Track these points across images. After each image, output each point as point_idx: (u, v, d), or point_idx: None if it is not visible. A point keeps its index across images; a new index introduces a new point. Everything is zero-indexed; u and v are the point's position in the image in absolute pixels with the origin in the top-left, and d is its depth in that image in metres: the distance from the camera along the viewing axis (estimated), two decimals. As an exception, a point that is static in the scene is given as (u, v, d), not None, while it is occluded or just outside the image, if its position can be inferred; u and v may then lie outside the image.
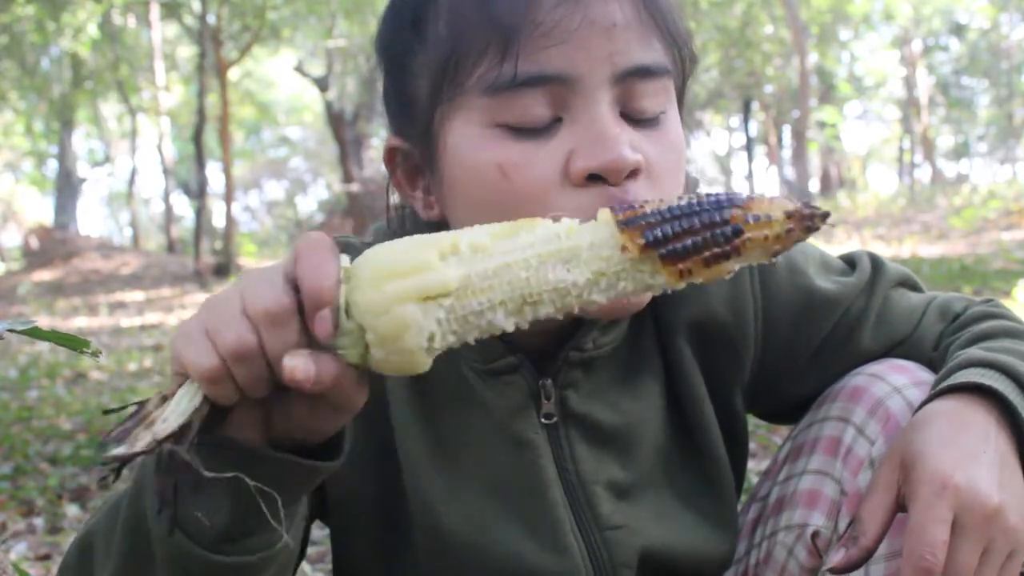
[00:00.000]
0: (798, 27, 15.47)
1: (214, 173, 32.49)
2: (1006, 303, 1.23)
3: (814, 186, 22.92)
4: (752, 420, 1.26)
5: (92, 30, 15.84)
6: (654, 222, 0.78)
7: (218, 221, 21.85)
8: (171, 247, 21.99)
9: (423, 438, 1.10)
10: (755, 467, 2.92)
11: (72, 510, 3.28)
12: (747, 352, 1.18)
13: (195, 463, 0.77)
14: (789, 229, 0.79)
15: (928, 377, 1.10)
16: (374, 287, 0.77)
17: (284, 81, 30.38)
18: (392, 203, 1.15)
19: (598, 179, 0.96)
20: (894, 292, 1.20)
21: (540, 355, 1.10)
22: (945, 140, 33.16)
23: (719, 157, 33.26)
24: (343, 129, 18.91)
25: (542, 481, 1.10)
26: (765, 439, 3.38)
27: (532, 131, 0.98)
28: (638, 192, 0.97)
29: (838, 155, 28.13)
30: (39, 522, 3.15)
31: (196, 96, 17.14)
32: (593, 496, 1.11)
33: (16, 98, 20.31)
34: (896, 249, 10.56)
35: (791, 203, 0.79)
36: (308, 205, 33.30)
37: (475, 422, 1.10)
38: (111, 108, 27.28)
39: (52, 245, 19.73)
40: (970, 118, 31.08)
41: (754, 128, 29.41)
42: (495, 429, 1.10)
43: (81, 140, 31.61)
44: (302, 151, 35.67)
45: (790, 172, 25.14)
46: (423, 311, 0.77)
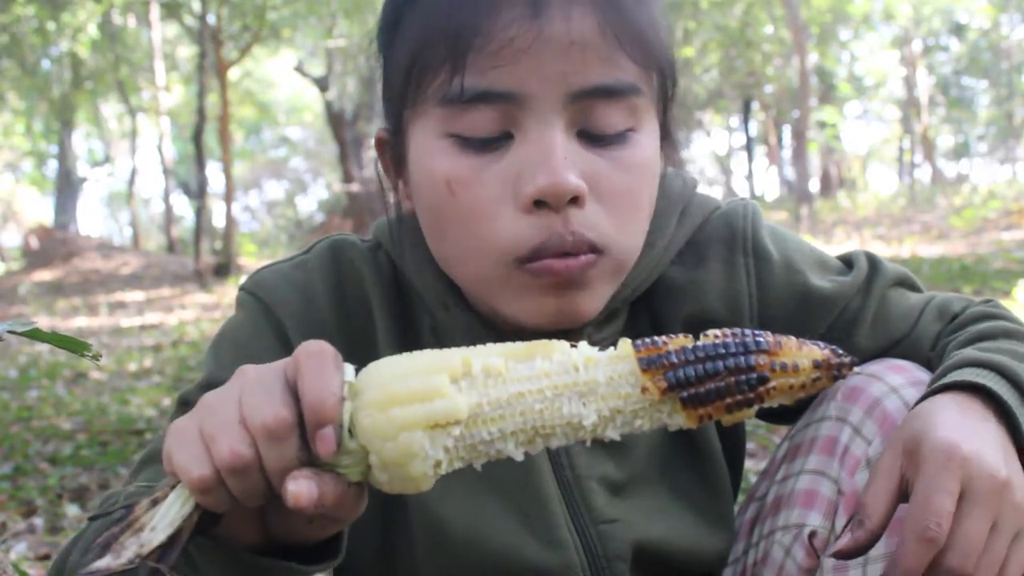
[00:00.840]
0: (798, 27, 15.46)
1: (214, 173, 32.53)
2: (1006, 303, 1.23)
3: (814, 186, 22.91)
4: (751, 420, 1.27)
5: (92, 30, 15.84)
6: (677, 363, 0.76)
7: (218, 221, 21.85)
8: (171, 247, 21.98)
9: None
10: (754, 467, 2.92)
11: (72, 510, 3.28)
12: None
13: None
14: (816, 378, 0.77)
15: (925, 377, 1.09)
16: (381, 411, 0.74)
17: (284, 81, 30.37)
18: (387, 196, 1.15)
19: (544, 205, 0.96)
20: (892, 292, 1.19)
21: None
22: (945, 140, 33.16)
23: (719, 157, 33.26)
24: (343, 129, 18.91)
25: (537, 476, 1.10)
26: (764, 439, 3.38)
27: (482, 144, 0.97)
28: (580, 219, 0.96)
29: (838, 155, 28.12)
30: (39, 522, 3.14)
31: (196, 96, 17.13)
32: (587, 491, 1.11)
33: (16, 98, 20.32)
34: (896, 249, 10.55)
35: (820, 351, 0.77)
36: (308, 205, 33.33)
37: None
38: (111, 108, 27.28)
39: (52, 245, 19.73)
40: (970, 118, 31.07)
41: (754, 128, 29.43)
42: None
43: (81, 140, 31.64)
44: (302, 151, 35.68)
45: (790, 172, 25.16)
46: (431, 439, 0.74)
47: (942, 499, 0.87)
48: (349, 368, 0.78)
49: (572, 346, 0.80)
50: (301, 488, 0.74)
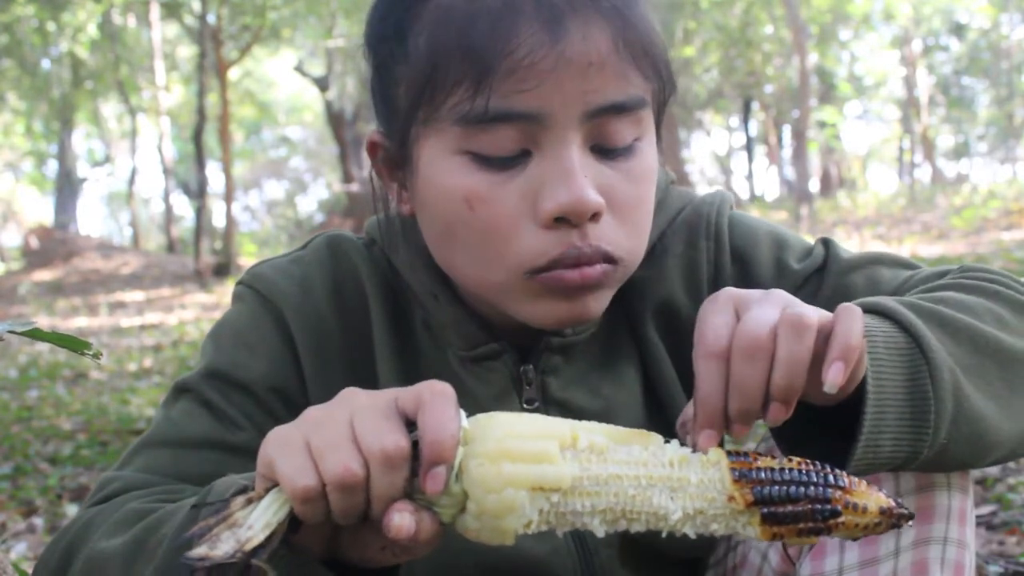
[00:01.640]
0: (798, 27, 15.45)
1: (214, 173, 32.50)
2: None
3: (814, 186, 22.93)
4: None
5: (92, 30, 15.85)
6: (764, 480, 0.81)
7: (218, 221, 21.87)
8: (171, 247, 22.00)
9: None
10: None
11: (72, 510, 3.28)
12: None
13: None
14: (877, 523, 0.81)
15: None
16: (493, 463, 0.78)
17: (284, 81, 30.38)
18: (380, 195, 1.14)
19: (563, 220, 0.97)
20: (854, 276, 1.16)
21: (521, 341, 1.11)
22: (945, 140, 33.16)
23: (719, 157, 33.27)
24: (343, 129, 18.92)
25: None
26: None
27: (500, 162, 0.98)
28: (597, 233, 0.98)
29: (838, 155, 28.14)
30: (39, 522, 3.15)
31: (196, 96, 17.14)
32: None
33: (16, 98, 20.33)
34: (896, 249, 10.56)
35: (885, 499, 0.82)
36: (308, 205, 33.37)
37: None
38: (111, 108, 27.29)
39: (52, 245, 19.74)
40: (970, 118, 31.06)
41: (754, 128, 29.44)
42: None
43: (81, 140, 31.65)
44: (302, 151, 35.68)
45: (790, 172, 25.16)
46: (531, 499, 0.78)
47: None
48: (462, 413, 0.81)
49: (666, 441, 0.84)
50: (405, 521, 0.77)
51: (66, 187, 26.38)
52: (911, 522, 0.83)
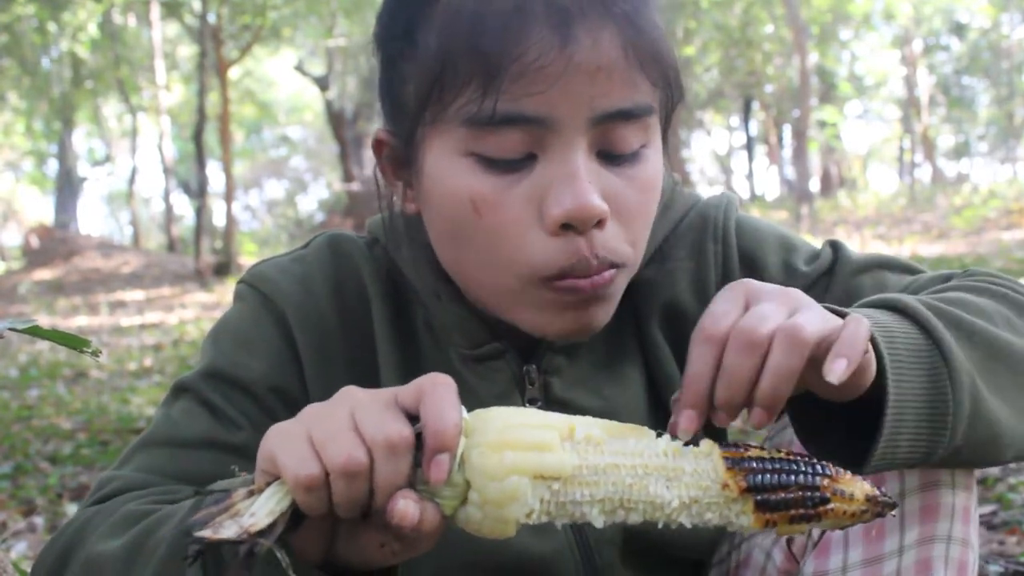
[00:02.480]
0: (798, 26, 15.45)
1: (214, 172, 32.50)
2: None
3: (814, 186, 22.93)
4: (741, 418, 1.27)
5: (92, 29, 15.86)
6: (757, 468, 0.83)
7: (218, 220, 21.86)
8: (171, 246, 22.00)
9: None
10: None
11: (72, 509, 3.28)
12: None
13: (284, 561, 0.77)
14: (864, 510, 0.83)
15: None
16: (495, 451, 0.79)
17: (284, 80, 30.38)
18: (384, 193, 1.14)
19: (569, 227, 0.97)
20: (863, 278, 1.17)
21: (523, 341, 1.10)
22: (945, 140, 33.14)
23: (719, 157, 33.27)
24: (343, 128, 18.92)
25: None
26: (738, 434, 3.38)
27: (506, 164, 0.97)
28: (602, 241, 0.98)
29: (838, 155, 28.13)
30: (39, 522, 3.15)
31: (196, 95, 17.15)
32: None
33: (16, 98, 20.33)
34: (896, 249, 10.57)
35: (870, 487, 0.84)
36: (308, 204, 33.35)
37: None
38: (111, 107, 27.28)
39: (52, 244, 19.74)
40: (970, 118, 31.05)
41: (754, 127, 29.43)
42: None
43: (81, 139, 31.66)
44: (302, 150, 35.69)
45: (790, 171, 25.17)
46: (533, 488, 0.79)
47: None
48: (462, 407, 0.82)
49: (658, 435, 0.86)
50: (408, 508, 0.78)
51: (66, 186, 26.39)
52: (894, 512, 0.84)
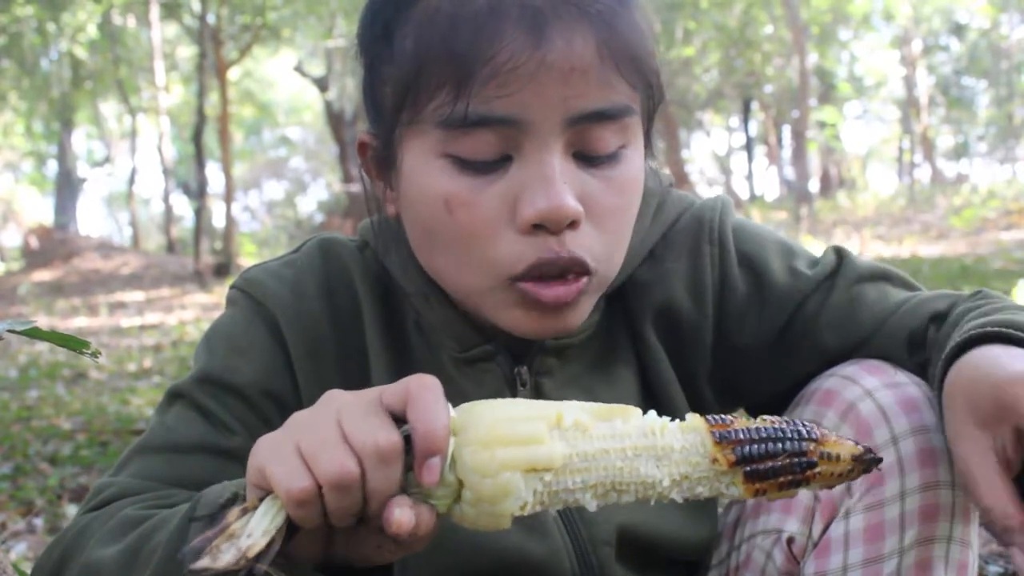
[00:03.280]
0: (798, 27, 15.47)
1: (214, 173, 32.42)
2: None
3: (814, 186, 22.93)
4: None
5: (92, 30, 15.86)
6: (744, 439, 0.84)
7: (218, 221, 21.87)
8: (171, 247, 21.97)
9: None
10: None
11: (72, 510, 3.28)
12: (706, 338, 1.18)
13: None
14: (850, 470, 0.85)
15: (904, 378, 1.07)
16: (486, 448, 0.79)
17: (284, 81, 30.38)
18: (371, 195, 1.14)
19: (541, 227, 0.97)
20: (865, 287, 1.17)
21: (515, 342, 1.10)
22: (945, 140, 33.13)
23: (719, 157, 33.27)
24: (343, 129, 18.92)
25: None
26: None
27: (481, 166, 0.97)
28: (575, 241, 0.98)
29: (838, 155, 28.13)
30: (39, 522, 3.15)
31: (196, 96, 17.13)
32: None
33: (16, 98, 20.33)
34: (896, 249, 10.57)
35: (855, 446, 0.86)
36: (308, 205, 33.34)
37: None
38: (111, 108, 27.29)
39: (52, 245, 19.73)
40: (970, 118, 31.05)
41: (754, 128, 29.44)
42: None
43: (81, 140, 31.68)
44: (302, 151, 35.69)
45: (790, 172, 25.16)
46: (525, 481, 0.80)
47: None
48: (449, 405, 0.82)
49: (644, 413, 0.86)
50: (404, 516, 0.78)
51: (66, 187, 26.38)
52: (880, 466, 0.86)
